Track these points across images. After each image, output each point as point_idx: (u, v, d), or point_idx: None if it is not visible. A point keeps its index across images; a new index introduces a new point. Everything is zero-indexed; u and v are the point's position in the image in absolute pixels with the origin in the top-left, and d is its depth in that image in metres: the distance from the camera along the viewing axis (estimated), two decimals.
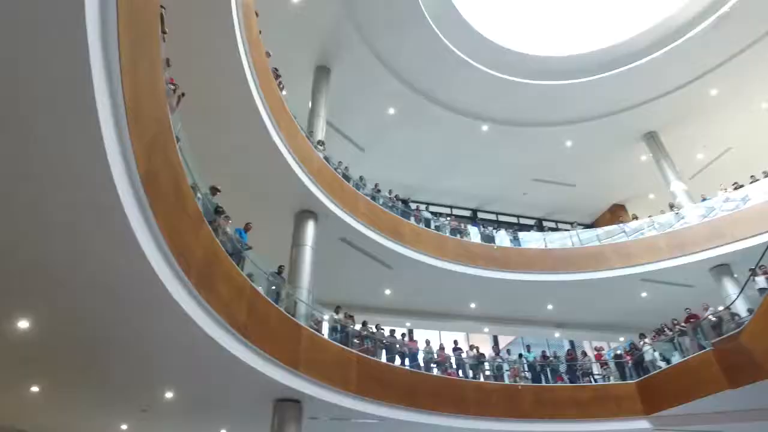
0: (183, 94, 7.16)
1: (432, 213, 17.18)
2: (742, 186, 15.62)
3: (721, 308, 12.59)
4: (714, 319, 12.23)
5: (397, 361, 11.95)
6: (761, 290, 10.96)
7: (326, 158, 12.63)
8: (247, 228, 9.58)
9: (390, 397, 10.56)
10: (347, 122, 16.76)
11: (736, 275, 14.26)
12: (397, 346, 12.12)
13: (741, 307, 12.38)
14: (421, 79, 16.00)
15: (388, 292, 15.08)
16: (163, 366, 8.02)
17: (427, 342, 13.21)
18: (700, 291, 14.96)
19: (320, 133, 13.98)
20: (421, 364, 12.42)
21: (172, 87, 6.94)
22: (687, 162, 18.98)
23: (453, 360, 13.21)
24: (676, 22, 15.57)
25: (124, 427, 11.01)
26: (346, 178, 13.26)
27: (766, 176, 15.06)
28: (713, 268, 14.82)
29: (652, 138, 18.56)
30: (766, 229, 12.26)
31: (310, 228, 11.51)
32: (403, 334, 13.36)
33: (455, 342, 13.83)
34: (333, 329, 11.08)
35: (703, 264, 14.78)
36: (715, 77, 16.51)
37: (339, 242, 12.58)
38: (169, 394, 8.95)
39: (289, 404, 9.20)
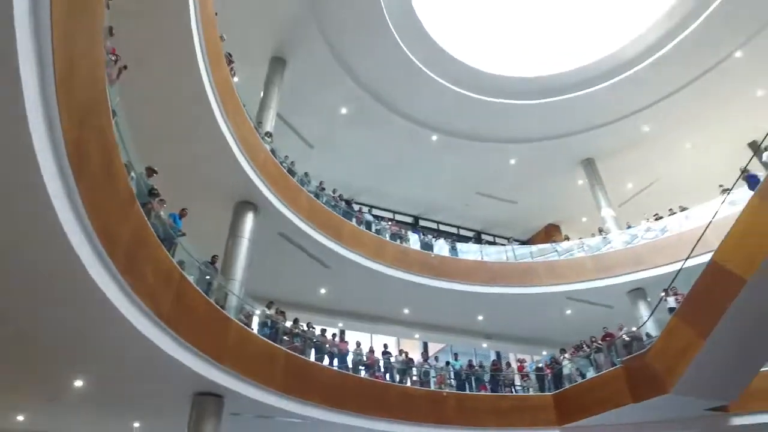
0: (125, 67, 6.90)
1: (374, 216, 17.33)
2: (661, 217, 16.85)
3: (634, 329, 13.49)
4: (627, 338, 13.11)
5: (326, 361, 11.94)
6: (671, 309, 11.81)
7: (273, 151, 12.46)
8: (182, 214, 9.27)
9: (315, 396, 10.47)
10: (298, 117, 16.62)
11: (649, 299, 15.31)
12: (327, 346, 12.10)
13: (651, 328, 13.37)
14: (376, 83, 16.12)
15: (323, 291, 15.04)
16: (74, 351, 7.47)
17: (358, 344, 13.28)
18: (618, 312, 15.98)
19: (269, 125, 13.80)
20: (350, 366, 12.49)
21: (113, 58, 6.68)
22: (618, 190, 20.15)
23: (381, 363, 13.36)
24: (622, 57, 16.52)
25: (20, 418, 10.24)
26: (291, 173, 13.14)
27: (682, 210, 16.41)
28: (630, 291, 15.90)
29: (589, 164, 19.60)
30: (677, 257, 13.17)
31: (249, 220, 11.29)
32: (334, 335, 13.35)
33: (385, 346, 13.98)
34: (263, 324, 10.88)
35: (623, 287, 15.82)
36: (649, 114, 17.70)
37: (278, 237, 12.43)
38: (78, 383, 8.44)
39: (209, 398, 8.94)
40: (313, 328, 12.33)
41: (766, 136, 9.78)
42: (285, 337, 10.89)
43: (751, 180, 10.64)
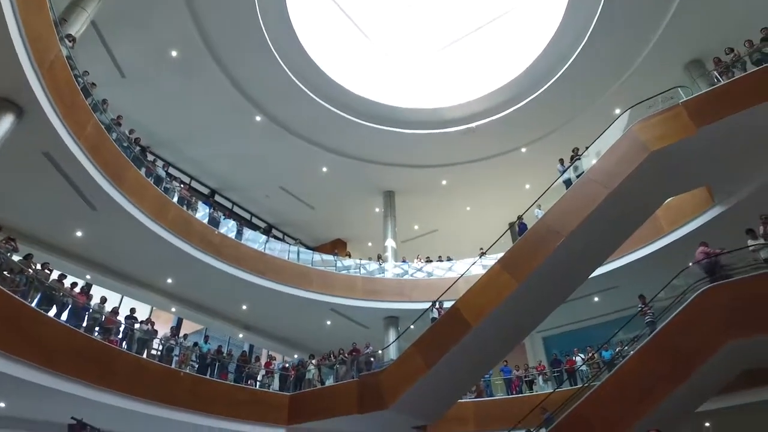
0: None
1: (168, 174, 15.87)
2: (431, 261, 19.25)
3: (380, 351, 14.93)
4: (370, 357, 14.43)
5: (54, 312, 10.23)
6: (433, 319, 13.10)
7: (70, 57, 10.46)
8: None
9: (26, 351, 8.78)
10: (120, 40, 14.35)
11: (399, 327, 17.15)
12: (61, 294, 10.41)
13: (393, 352, 14.91)
14: (218, 38, 14.82)
15: (79, 234, 12.90)
16: None
17: (103, 300, 11.79)
18: (372, 333, 17.49)
19: (77, 29, 11.62)
20: (84, 324, 10.92)
21: None
22: (406, 227, 22.31)
23: (122, 328, 12.06)
24: (444, 114, 18.47)
25: None
26: (86, 92, 11.21)
27: (440, 260, 19.21)
28: (387, 317, 17.59)
29: (389, 196, 21.27)
30: (428, 298, 15.13)
31: (6, 122, 9.06)
32: (74, 284, 11.54)
33: (131, 310, 12.68)
34: None
35: (382, 312, 17.44)
36: (448, 171, 20.17)
37: (40, 156, 10.28)
38: None
39: None
40: (50, 269, 10.54)
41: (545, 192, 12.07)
42: (5, 272, 9.02)
43: (521, 227, 12.77)
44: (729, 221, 11.28)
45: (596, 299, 16.40)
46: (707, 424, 11.20)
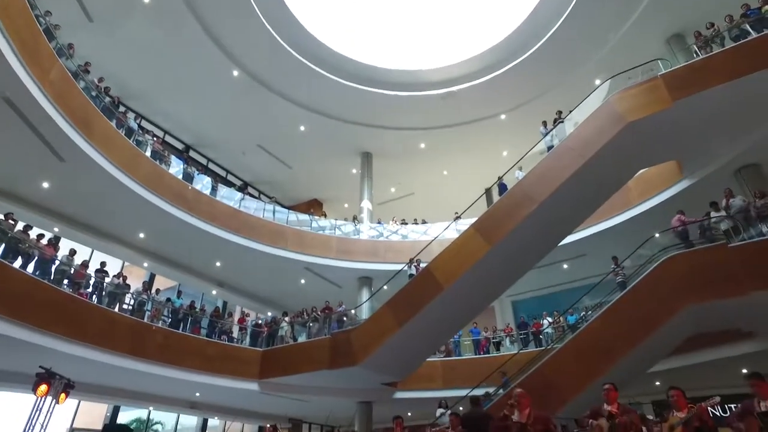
0: None
1: (140, 127, 15.38)
2: (406, 224, 19.43)
3: (353, 311, 15.20)
4: (343, 316, 14.69)
5: (20, 263, 10.02)
6: (411, 276, 13.45)
7: None
8: None
9: None
10: None
11: (372, 288, 17.40)
12: (27, 245, 10.17)
13: (365, 311, 15.20)
14: None
15: (46, 185, 12.47)
16: None
17: (72, 252, 11.58)
18: (345, 292, 17.68)
19: None
20: (52, 276, 10.74)
21: None
22: (383, 189, 22.29)
23: (92, 281, 11.93)
24: (425, 77, 18.20)
25: None
26: (49, 34, 10.62)
27: (416, 223, 19.43)
28: (361, 278, 17.80)
29: (367, 158, 21.09)
30: (402, 260, 15.36)
31: None
32: (41, 235, 11.27)
33: (102, 264, 12.50)
34: None
35: (356, 272, 17.61)
36: (427, 134, 20.06)
37: (0, 102, 9.81)
38: None
39: None
40: (14, 220, 10.26)
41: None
42: None
43: (501, 187, 12.91)
44: (696, 195, 11.64)
45: (565, 266, 16.88)
46: (657, 383, 11.90)
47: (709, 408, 4.45)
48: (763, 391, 4.21)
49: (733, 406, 9.83)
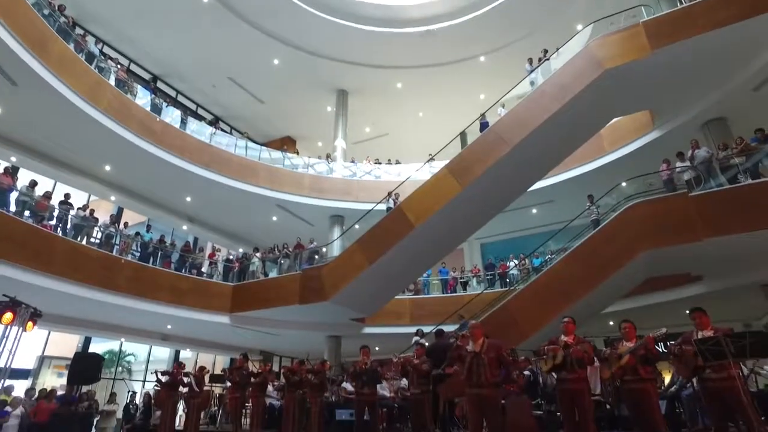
0: None
1: (102, 53, 14.49)
2: (380, 163, 19.36)
3: (323, 248, 15.36)
4: (314, 253, 14.87)
5: None
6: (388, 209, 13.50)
7: None
8: None
9: None
10: None
11: (344, 226, 17.51)
12: None
13: (336, 249, 15.37)
14: None
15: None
16: None
17: (33, 183, 11.18)
18: (317, 230, 17.78)
19: None
20: (12, 208, 10.41)
21: None
22: (357, 128, 21.88)
23: (56, 213, 11.62)
24: (404, 14, 17.49)
25: None
26: None
27: (389, 163, 19.48)
28: (333, 216, 17.85)
29: (342, 96, 20.54)
30: (374, 199, 15.40)
31: None
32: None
33: (66, 195, 12.16)
34: None
35: (328, 210, 17.63)
36: (404, 74, 19.56)
37: None
38: None
39: None
40: None
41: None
42: None
43: (484, 125, 12.86)
44: (665, 145, 11.89)
45: (534, 211, 17.28)
46: (611, 323, 12.65)
47: (655, 337, 4.84)
48: (702, 322, 4.70)
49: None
